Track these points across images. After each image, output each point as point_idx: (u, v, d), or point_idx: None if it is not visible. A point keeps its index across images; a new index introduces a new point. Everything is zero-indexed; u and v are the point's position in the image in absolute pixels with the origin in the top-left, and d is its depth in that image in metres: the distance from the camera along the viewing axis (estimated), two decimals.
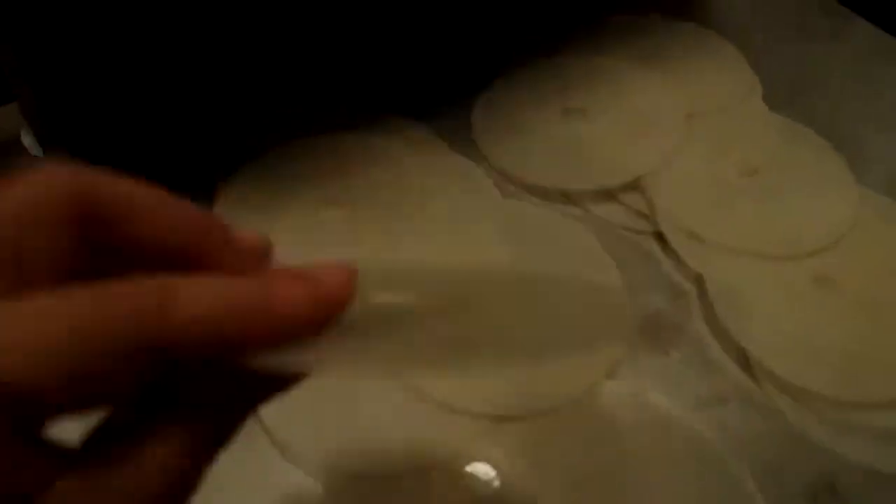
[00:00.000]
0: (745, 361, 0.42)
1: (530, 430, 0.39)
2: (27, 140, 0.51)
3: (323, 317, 0.18)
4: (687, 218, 0.47)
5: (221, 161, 0.50)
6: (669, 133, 0.51)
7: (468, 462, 0.37)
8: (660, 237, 0.47)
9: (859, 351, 0.42)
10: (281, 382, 0.20)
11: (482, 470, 0.37)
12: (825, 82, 0.59)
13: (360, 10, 0.55)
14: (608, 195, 0.49)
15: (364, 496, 0.37)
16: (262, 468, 0.37)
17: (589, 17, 0.61)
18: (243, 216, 0.47)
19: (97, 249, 0.17)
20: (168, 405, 0.17)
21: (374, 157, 0.50)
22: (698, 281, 0.45)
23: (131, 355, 0.15)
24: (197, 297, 0.16)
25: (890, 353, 0.42)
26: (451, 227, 0.46)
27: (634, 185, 0.49)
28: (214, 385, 0.18)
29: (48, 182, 0.17)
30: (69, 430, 0.17)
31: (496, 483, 0.37)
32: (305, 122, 0.52)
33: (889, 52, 0.61)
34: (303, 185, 0.48)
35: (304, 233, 0.46)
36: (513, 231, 0.47)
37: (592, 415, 0.39)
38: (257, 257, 0.20)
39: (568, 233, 0.47)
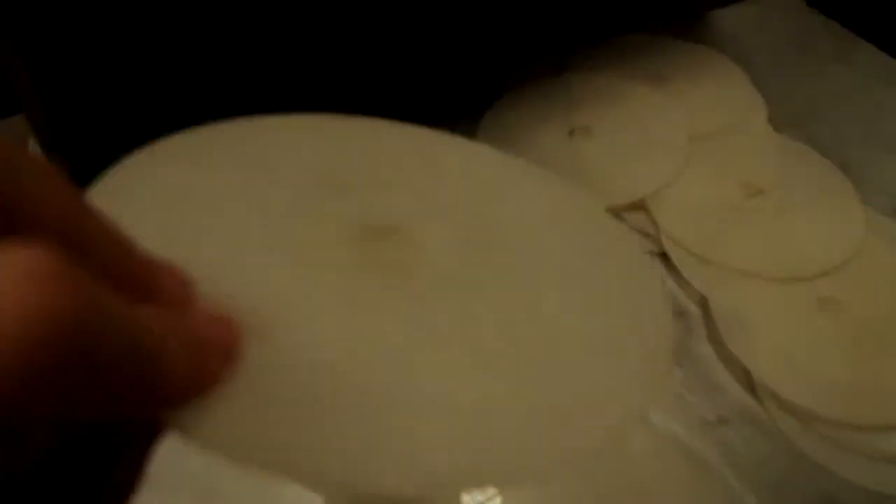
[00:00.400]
0: (748, 382, 0.42)
1: None
2: (32, 150, 0.51)
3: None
4: (691, 239, 0.47)
5: None
6: (674, 154, 0.51)
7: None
8: (664, 257, 0.47)
9: (863, 373, 0.42)
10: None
11: None
12: (829, 104, 0.59)
13: (366, 27, 0.56)
14: (613, 215, 0.49)
15: None
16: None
17: (596, 37, 0.62)
18: None
19: None
20: None
21: None
22: (702, 302, 0.45)
23: None
24: None
25: (893, 375, 0.42)
26: None
27: (639, 206, 0.49)
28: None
29: None
30: None
31: (497, 500, 0.37)
32: None
33: (892, 74, 0.62)
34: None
35: None
36: None
37: None
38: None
39: None
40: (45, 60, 0.45)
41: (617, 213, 0.49)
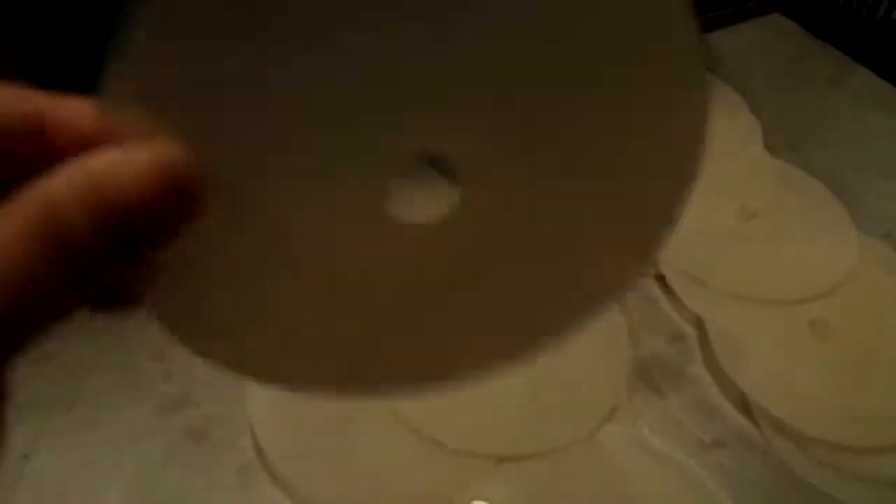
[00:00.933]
0: (744, 405, 0.42)
1: (530, 471, 0.39)
2: None
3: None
4: (687, 262, 0.47)
5: None
6: None
7: (468, 502, 0.38)
8: (661, 280, 0.48)
9: (857, 396, 0.42)
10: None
11: None
12: (825, 128, 0.60)
13: None
14: None
15: None
16: None
17: None
18: None
19: None
20: None
21: None
22: (698, 324, 0.45)
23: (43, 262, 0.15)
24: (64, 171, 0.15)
25: (886, 398, 0.42)
26: None
27: None
28: None
29: None
30: None
31: None
32: None
33: (889, 99, 0.62)
34: None
35: None
36: None
37: (592, 457, 0.40)
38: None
39: None
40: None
41: None
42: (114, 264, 0.16)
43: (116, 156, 0.16)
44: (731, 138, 0.56)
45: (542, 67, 0.18)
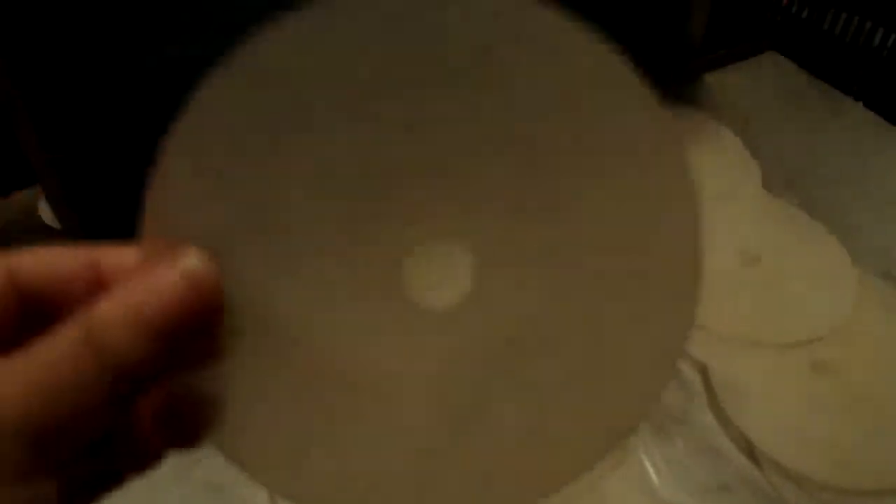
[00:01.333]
0: (749, 449, 0.43)
1: None
2: (45, 215, 0.53)
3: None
4: None
5: None
6: None
7: None
8: None
9: (860, 438, 0.43)
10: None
11: None
12: (823, 165, 0.61)
13: None
14: None
15: None
16: None
17: None
18: None
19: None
20: None
21: None
22: (702, 370, 0.46)
23: (90, 389, 0.17)
24: (110, 307, 0.17)
25: (890, 440, 0.43)
26: None
27: None
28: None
29: None
30: None
31: None
32: None
33: (885, 136, 0.63)
34: None
35: None
36: None
37: (599, 503, 0.41)
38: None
39: None
40: (60, 137, 0.47)
41: None
42: (156, 372, 0.18)
43: (149, 272, 0.18)
44: (730, 179, 0.58)
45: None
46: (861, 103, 0.66)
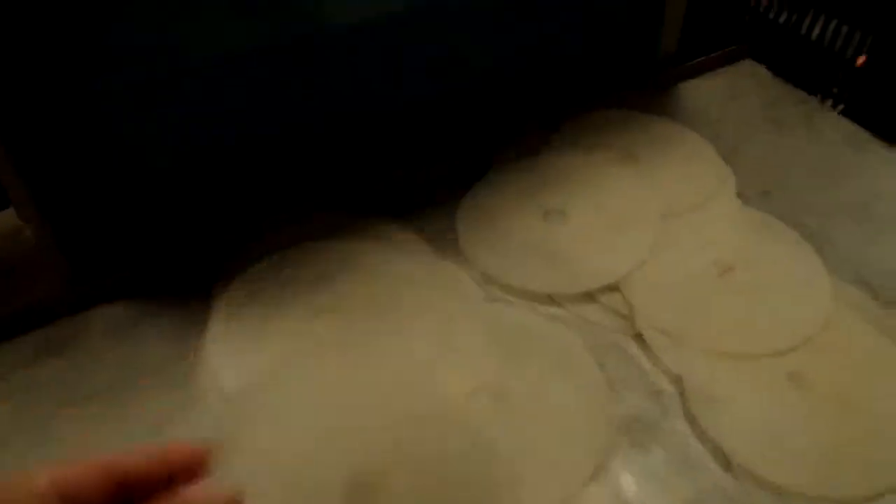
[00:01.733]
0: (724, 459, 0.43)
1: None
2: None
3: None
4: (664, 319, 0.48)
5: (218, 268, 0.53)
6: (645, 234, 0.53)
7: None
8: (638, 338, 0.49)
9: (834, 447, 0.43)
10: None
11: None
12: (796, 173, 0.61)
13: (349, 123, 0.58)
14: (589, 296, 0.51)
15: None
16: None
17: (566, 115, 0.64)
18: (239, 325, 0.49)
19: None
20: None
21: (362, 264, 0.52)
22: (677, 380, 0.46)
23: None
24: None
25: (864, 448, 0.43)
26: (438, 339, 0.48)
27: (614, 286, 0.51)
28: None
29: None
30: None
31: None
32: (299, 228, 0.55)
33: (858, 142, 0.64)
34: (297, 292, 0.51)
35: (298, 341, 0.48)
36: (497, 336, 0.48)
37: None
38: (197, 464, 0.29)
39: (551, 336, 0.48)
40: (47, 182, 0.48)
41: (592, 294, 0.51)
42: None
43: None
44: (705, 190, 0.58)
45: None
46: (836, 112, 0.66)
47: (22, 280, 0.53)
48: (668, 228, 0.54)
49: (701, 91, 0.69)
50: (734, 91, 0.69)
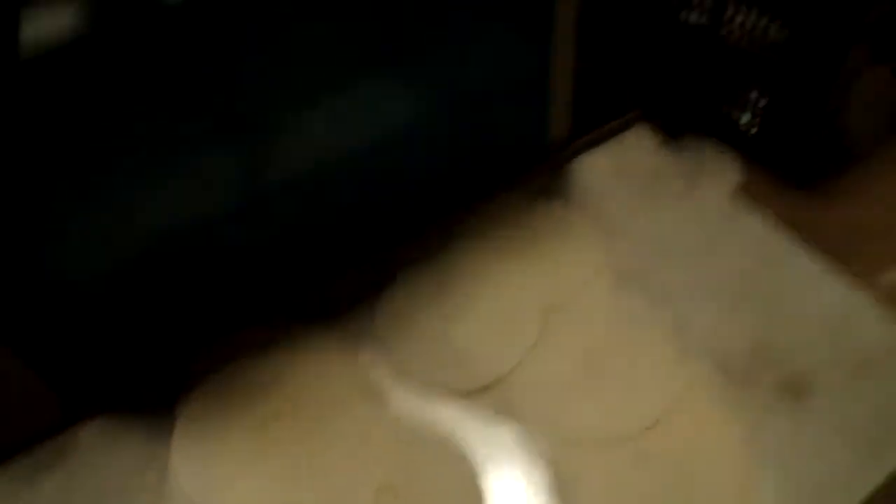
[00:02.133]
0: None
1: None
2: None
3: None
4: (535, 413, 0.57)
5: (179, 384, 0.61)
6: (524, 332, 0.62)
7: None
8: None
9: None
10: None
11: None
12: (669, 252, 0.67)
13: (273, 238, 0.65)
14: (479, 391, 0.59)
15: None
16: None
17: (468, 204, 0.71)
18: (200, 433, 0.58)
19: None
20: None
21: (284, 374, 0.61)
22: (540, 468, 0.54)
23: None
24: None
25: None
26: (344, 450, 0.56)
27: (497, 383, 0.59)
28: None
29: None
30: None
31: None
32: (241, 341, 0.64)
33: (727, 213, 0.70)
34: (246, 405, 0.59)
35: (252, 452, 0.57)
36: (399, 448, 0.57)
37: None
38: None
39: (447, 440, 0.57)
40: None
41: (471, 396, 0.58)
42: None
43: None
44: (581, 277, 0.65)
45: None
46: (714, 179, 0.72)
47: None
48: (548, 323, 0.62)
49: (593, 166, 0.75)
50: (621, 164, 0.75)
